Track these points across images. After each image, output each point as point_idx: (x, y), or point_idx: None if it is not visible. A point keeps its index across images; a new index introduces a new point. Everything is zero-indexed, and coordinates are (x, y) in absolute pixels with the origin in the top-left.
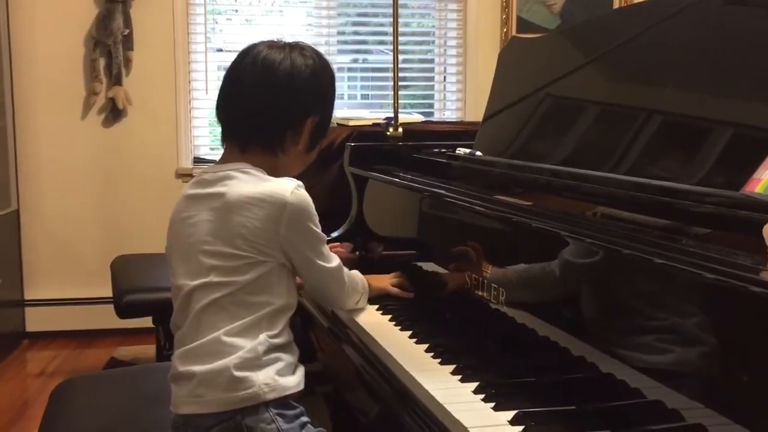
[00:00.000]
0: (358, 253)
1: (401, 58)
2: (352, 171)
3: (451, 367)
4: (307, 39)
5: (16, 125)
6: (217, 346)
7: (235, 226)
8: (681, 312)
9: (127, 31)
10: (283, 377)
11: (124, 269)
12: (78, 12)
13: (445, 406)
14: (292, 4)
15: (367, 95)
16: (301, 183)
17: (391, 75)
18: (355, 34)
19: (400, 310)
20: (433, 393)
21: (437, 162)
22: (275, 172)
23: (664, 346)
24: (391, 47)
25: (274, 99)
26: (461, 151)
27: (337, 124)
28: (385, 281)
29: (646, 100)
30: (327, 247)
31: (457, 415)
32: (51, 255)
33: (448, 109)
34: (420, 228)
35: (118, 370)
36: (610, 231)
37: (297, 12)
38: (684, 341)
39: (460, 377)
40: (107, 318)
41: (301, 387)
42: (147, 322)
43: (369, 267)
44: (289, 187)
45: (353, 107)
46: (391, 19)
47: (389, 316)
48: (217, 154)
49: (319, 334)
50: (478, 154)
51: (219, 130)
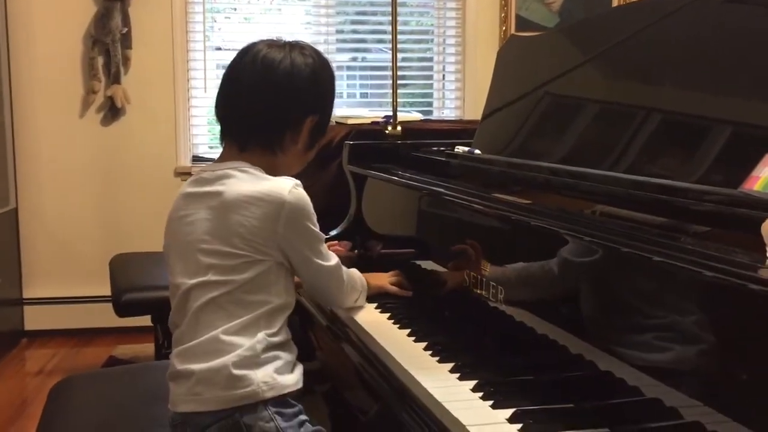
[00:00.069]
0: (356, 251)
1: (400, 56)
2: (351, 169)
3: (450, 365)
4: (306, 37)
5: (15, 124)
6: (216, 345)
7: (233, 225)
8: (679, 310)
9: (126, 29)
10: (282, 375)
11: (122, 268)
12: (76, 10)
13: (444, 404)
14: (291, 3)
15: (366, 94)
16: (299, 182)
17: (390, 74)
18: (354, 32)
19: (398, 308)
20: (431, 391)
21: (436, 160)
22: (274, 171)
23: (663, 344)
24: (390, 46)
25: (273, 98)
26: (460, 149)
27: (335, 122)
28: (384, 279)
29: (644, 98)
30: (325, 246)
31: (455, 413)
32: (50, 253)
33: (447, 108)
34: (419, 226)
35: (116, 369)
36: (609, 229)
37: (296, 10)
38: (682, 339)
39: (458, 375)
40: (106, 316)
41: (299, 385)
42: (146, 321)
43: (368, 265)
44: (287, 186)
45: (352, 106)
46: (390, 18)
47: (388, 314)
48: (216, 153)
49: (317, 332)
50: (477, 152)
51: (218, 128)
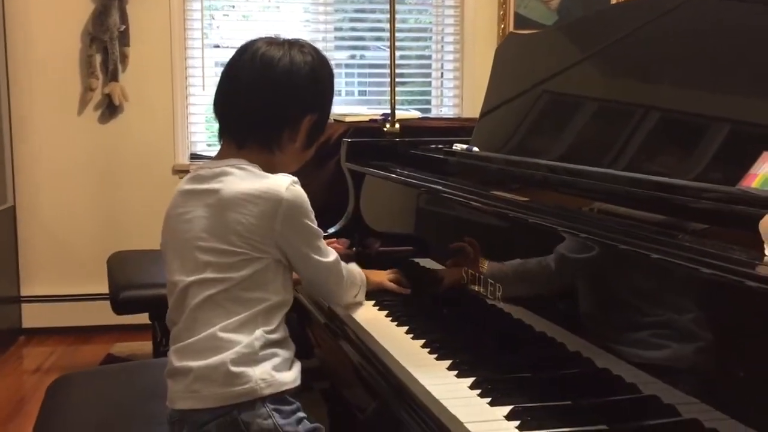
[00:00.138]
0: (354, 249)
1: (398, 54)
2: (349, 167)
3: (448, 362)
4: (304, 35)
5: (13, 121)
6: (214, 342)
7: (231, 223)
8: (677, 307)
9: (124, 26)
10: (280, 373)
11: (120, 265)
12: (74, 8)
13: (442, 401)
14: (289, 0)
15: (365, 91)
16: (296, 179)
17: (388, 71)
18: (353, 30)
19: (396, 305)
20: (429, 388)
21: (434, 158)
22: (272, 169)
23: (661, 342)
24: (388, 43)
25: (272, 95)
26: (458, 147)
27: (334, 120)
28: (383, 276)
29: (642, 95)
30: (324, 242)
31: (453, 411)
32: (47, 251)
33: (446, 106)
34: (417, 224)
35: (114, 366)
36: (607, 226)
37: (294, 8)
38: (680, 336)
39: (456, 373)
40: (104, 314)
41: (297, 383)
42: (143, 319)
43: (366, 263)
44: (284, 184)
45: (351, 104)
46: (388, 16)
47: (386, 312)
48: (214, 151)
49: (315, 330)
50: (475, 149)
51: (216, 126)
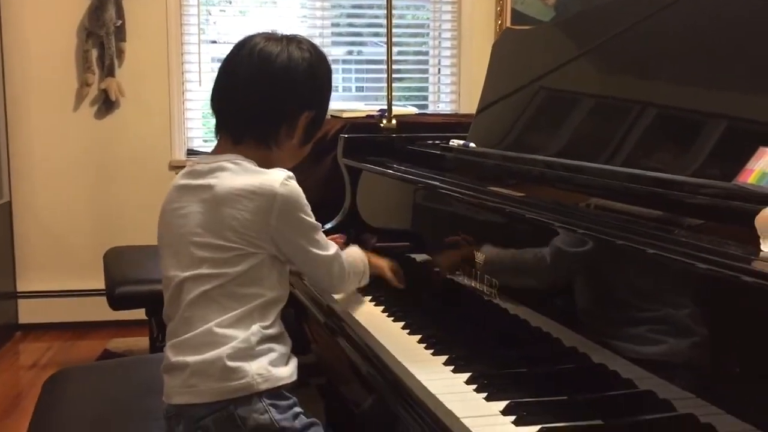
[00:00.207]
0: (351, 244)
1: (395, 50)
2: (346, 162)
3: (444, 357)
4: (301, 31)
5: (8, 116)
6: (210, 337)
7: (226, 218)
8: (674, 303)
9: (120, 22)
10: (276, 368)
11: (116, 261)
12: (70, 3)
13: (438, 396)
14: None
15: (362, 87)
16: (291, 174)
17: (385, 67)
18: (350, 26)
19: (392, 301)
20: (425, 384)
21: (431, 153)
22: (269, 165)
23: (657, 337)
24: (385, 39)
25: (270, 91)
26: (455, 142)
27: (330, 116)
28: (384, 264)
29: (639, 91)
30: (323, 235)
31: (449, 406)
32: (44, 247)
33: (443, 102)
34: (413, 219)
35: (110, 361)
36: (604, 222)
37: (291, 3)
38: (676, 332)
39: (452, 368)
40: (100, 310)
41: (294, 378)
42: (140, 314)
43: None
44: (279, 178)
45: (348, 99)
46: (386, 11)
47: (382, 308)
48: (211, 146)
49: (312, 325)
50: (472, 145)
51: (212, 122)
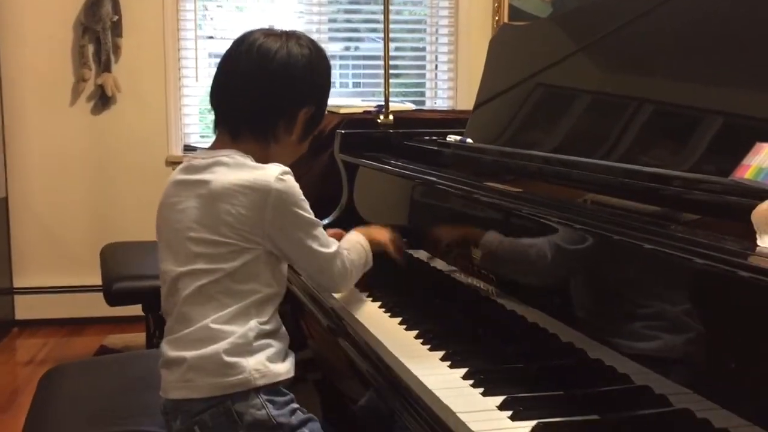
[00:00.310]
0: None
1: (393, 46)
2: (343, 158)
3: (441, 353)
4: (298, 26)
5: (4, 111)
6: (207, 332)
7: (221, 214)
8: (670, 298)
9: (116, 17)
10: (274, 363)
11: (113, 257)
12: None
13: (435, 391)
14: None
15: (359, 83)
16: (287, 169)
17: (382, 63)
18: (347, 21)
19: (389, 296)
20: (422, 379)
21: (428, 149)
22: (267, 161)
23: (653, 332)
24: (382, 35)
25: (269, 87)
26: (452, 138)
27: (327, 111)
28: (385, 236)
29: (637, 87)
30: (322, 232)
31: (446, 401)
32: (40, 243)
33: (440, 98)
34: (410, 215)
35: (106, 357)
36: (601, 217)
37: None
38: (673, 327)
39: (449, 363)
40: (97, 306)
41: (291, 374)
42: (137, 310)
43: None
44: (274, 173)
45: (345, 95)
46: (383, 7)
47: (379, 303)
48: (207, 142)
49: (309, 321)
50: (469, 141)
51: (210, 117)
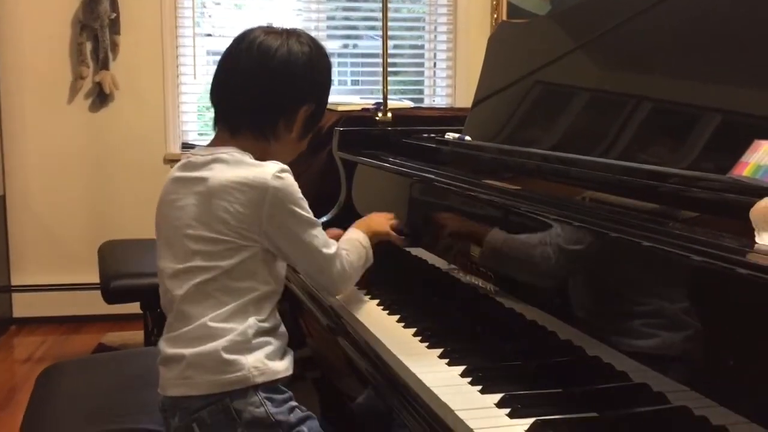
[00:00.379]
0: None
1: (391, 43)
2: (341, 156)
3: (439, 350)
4: (297, 24)
5: (2, 109)
6: (206, 330)
7: (218, 211)
8: (668, 295)
9: (114, 14)
10: (272, 361)
11: (111, 255)
12: None
13: (433, 389)
14: None
15: (357, 81)
16: (286, 167)
17: (381, 61)
18: (345, 19)
19: (388, 294)
20: (420, 377)
21: (426, 147)
22: (266, 159)
23: (651, 330)
24: (381, 33)
25: (269, 84)
26: (450, 136)
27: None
28: (385, 225)
29: (635, 85)
30: (321, 232)
31: (444, 398)
32: (38, 240)
33: (438, 96)
34: (409, 213)
35: (104, 355)
36: (599, 214)
37: None
38: (671, 324)
39: (447, 361)
40: (95, 304)
41: (290, 372)
42: (135, 308)
43: None
44: (272, 171)
45: (343, 93)
46: (381, 5)
47: (377, 301)
48: (206, 140)
49: (307, 319)
50: (468, 139)
51: (208, 115)
